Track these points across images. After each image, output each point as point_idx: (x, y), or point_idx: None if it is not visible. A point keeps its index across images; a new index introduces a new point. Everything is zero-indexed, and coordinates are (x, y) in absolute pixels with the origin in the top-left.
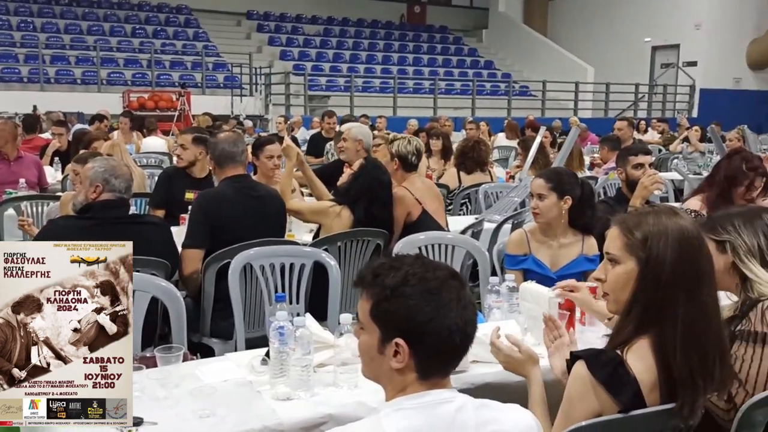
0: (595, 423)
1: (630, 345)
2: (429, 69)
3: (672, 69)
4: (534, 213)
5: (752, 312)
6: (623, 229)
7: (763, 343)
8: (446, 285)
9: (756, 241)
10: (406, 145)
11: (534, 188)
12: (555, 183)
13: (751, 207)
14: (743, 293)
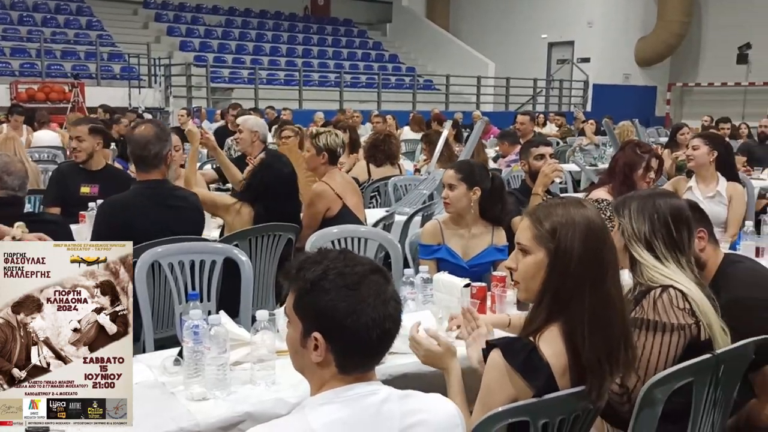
0: (511, 408)
1: (542, 332)
2: (334, 62)
3: (567, 65)
4: (445, 203)
5: (645, 300)
6: (533, 221)
7: (655, 331)
8: (366, 280)
9: (642, 227)
10: (335, 139)
11: (445, 178)
12: (465, 174)
13: (650, 191)
14: (634, 278)
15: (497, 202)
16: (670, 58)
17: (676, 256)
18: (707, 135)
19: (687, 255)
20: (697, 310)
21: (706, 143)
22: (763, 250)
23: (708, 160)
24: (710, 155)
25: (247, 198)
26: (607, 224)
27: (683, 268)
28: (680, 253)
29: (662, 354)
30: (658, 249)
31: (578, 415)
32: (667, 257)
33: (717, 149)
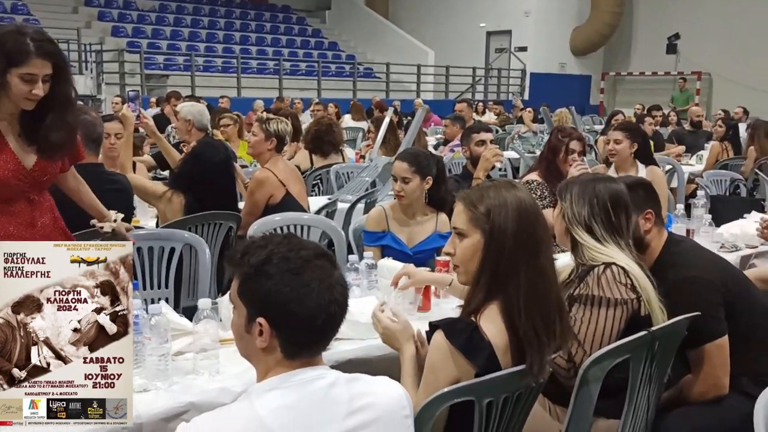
0: (455, 388)
1: (482, 311)
2: (273, 49)
3: (505, 54)
4: (399, 196)
5: (589, 277)
6: (467, 204)
7: (600, 305)
8: (310, 265)
9: (582, 211)
10: (285, 126)
11: (398, 172)
12: (417, 165)
13: (593, 177)
14: (575, 258)
15: (441, 185)
16: (604, 47)
17: (615, 239)
18: (627, 128)
19: (625, 238)
20: (638, 286)
21: (627, 137)
22: (693, 232)
23: (629, 152)
24: (631, 148)
25: (178, 187)
26: (537, 203)
27: (622, 248)
28: (619, 236)
29: (607, 328)
30: (597, 232)
31: (521, 392)
32: (607, 239)
33: (636, 141)
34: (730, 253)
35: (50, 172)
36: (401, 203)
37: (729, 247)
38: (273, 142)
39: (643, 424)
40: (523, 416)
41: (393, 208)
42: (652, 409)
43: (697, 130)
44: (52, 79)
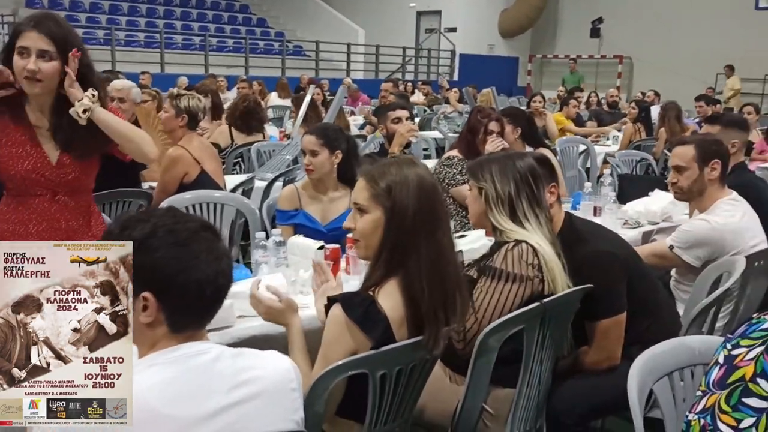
0: (349, 361)
1: (381, 286)
2: (199, 24)
3: (435, 34)
4: (308, 170)
5: (498, 251)
6: (369, 180)
7: (499, 279)
8: (196, 236)
9: (507, 188)
10: (197, 102)
11: (306, 145)
12: (325, 139)
13: (504, 154)
14: (495, 238)
15: (353, 161)
16: (531, 30)
17: (536, 214)
18: (508, 113)
19: (545, 210)
20: (544, 266)
21: (509, 122)
22: (600, 209)
23: (513, 138)
24: (515, 133)
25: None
26: (436, 181)
27: (541, 225)
28: (540, 209)
29: (500, 301)
30: (520, 209)
31: (415, 364)
32: (529, 216)
33: (519, 125)
34: (633, 230)
35: (77, 171)
36: (311, 177)
37: (632, 223)
38: (184, 118)
39: (538, 392)
40: (418, 388)
41: (305, 186)
42: (547, 378)
43: (615, 111)
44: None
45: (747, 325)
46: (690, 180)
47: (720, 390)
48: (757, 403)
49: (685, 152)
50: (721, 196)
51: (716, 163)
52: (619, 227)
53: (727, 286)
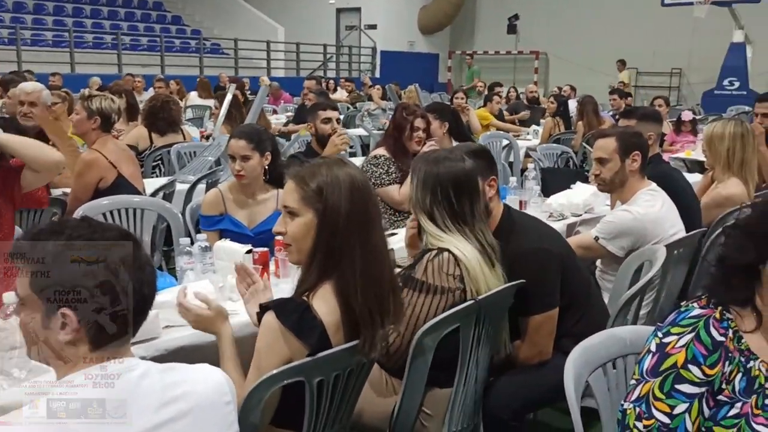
0: (285, 369)
1: (315, 291)
2: (110, 22)
3: (355, 31)
4: (239, 175)
5: (420, 261)
6: (298, 182)
7: (420, 291)
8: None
9: (426, 197)
10: (110, 103)
11: (237, 150)
12: (256, 142)
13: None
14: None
15: (277, 162)
16: (450, 27)
17: (460, 226)
18: (435, 108)
19: (470, 224)
20: (466, 276)
21: (436, 117)
22: (525, 203)
23: (441, 132)
24: (442, 127)
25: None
26: (368, 180)
27: (467, 236)
28: (463, 223)
29: (422, 313)
30: (439, 220)
31: (353, 369)
32: (450, 227)
33: (446, 120)
34: (558, 222)
35: None
36: (243, 182)
37: (556, 216)
38: (96, 120)
39: (475, 390)
40: (356, 392)
41: (230, 189)
42: (482, 375)
43: (533, 106)
44: None
45: (676, 313)
46: (612, 172)
47: (653, 378)
48: (689, 389)
49: (607, 144)
50: (641, 187)
51: (636, 155)
52: (544, 220)
53: (650, 275)
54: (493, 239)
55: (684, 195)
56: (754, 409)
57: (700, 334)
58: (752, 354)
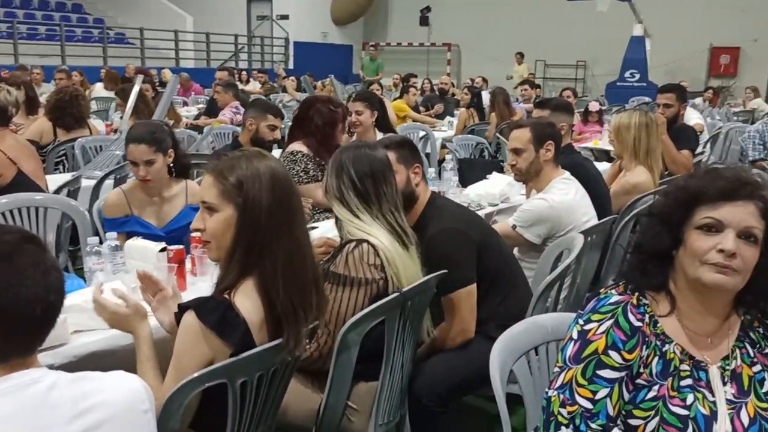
0: (206, 372)
1: (236, 288)
2: (4, 10)
3: (267, 21)
4: (146, 180)
5: (339, 254)
6: (217, 176)
7: (344, 285)
8: (19, 250)
9: (335, 183)
10: (6, 95)
11: (140, 156)
12: (158, 144)
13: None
14: (339, 232)
15: (178, 153)
16: (363, 18)
17: (368, 207)
18: (365, 98)
19: (377, 204)
20: (386, 265)
21: (367, 106)
22: (444, 193)
23: (371, 121)
24: (372, 117)
25: None
26: (289, 173)
27: (376, 217)
28: (372, 205)
29: (350, 307)
30: (351, 203)
31: (277, 368)
32: (360, 209)
33: (375, 109)
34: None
35: None
36: (150, 185)
37: (474, 206)
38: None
39: (401, 379)
40: (281, 392)
41: (134, 189)
42: (408, 365)
43: (447, 98)
44: None
45: (596, 300)
46: (527, 161)
47: (576, 365)
48: (610, 374)
49: (522, 135)
50: (555, 176)
51: (550, 145)
52: None
53: (568, 262)
54: (404, 223)
55: (595, 183)
56: (671, 391)
57: (618, 320)
58: (667, 337)
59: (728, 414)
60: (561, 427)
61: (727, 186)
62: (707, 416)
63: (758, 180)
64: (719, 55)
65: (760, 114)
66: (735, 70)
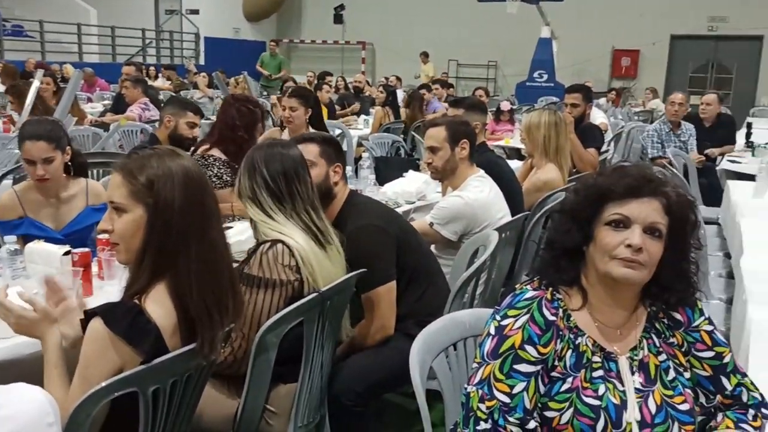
0: (115, 381)
1: (147, 292)
2: None
3: (176, 16)
4: (44, 180)
5: (254, 255)
6: (126, 175)
7: (259, 287)
8: None
9: (247, 183)
10: None
11: (38, 153)
12: (56, 140)
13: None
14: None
15: (74, 151)
16: (276, 15)
17: (283, 208)
18: (301, 94)
19: (294, 204)
20: (302, 265)
21: (301, 103)
22: (361, 192)
23: (305, 118)
24: (306, 114)
25: None
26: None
27: (290, 216)
28: (285, 204)
29: (264, 309)
30: (265, 203)
31: (191, 373)
32: (273, 208)
33: (310, 106)
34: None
35: None
36: (47, 186)
37: (391, 204)
38: None
39: (321, 379)
40: (195, 398)
41: (28, 190)
42: (327, 365)
43: (361, 96)
44: None
45: (512, 296)
46: (443, 159)
47: (494, 360)
48: (526, 368)
49: (438, 134)
50: (471, 174)
51: (465, 143)
52: None
53: (483, 258)
54: (322, 221)
55: (508, 181)
56: (584, 382)
57: (534, 315)
58: (580, 330)
59: (637, 402)
60: (480, 422)
61: (633, 183)
62: (618, 405)
63: (661, 177)
64: (621, 58)
65: (659, 114)
66: (635, 72)
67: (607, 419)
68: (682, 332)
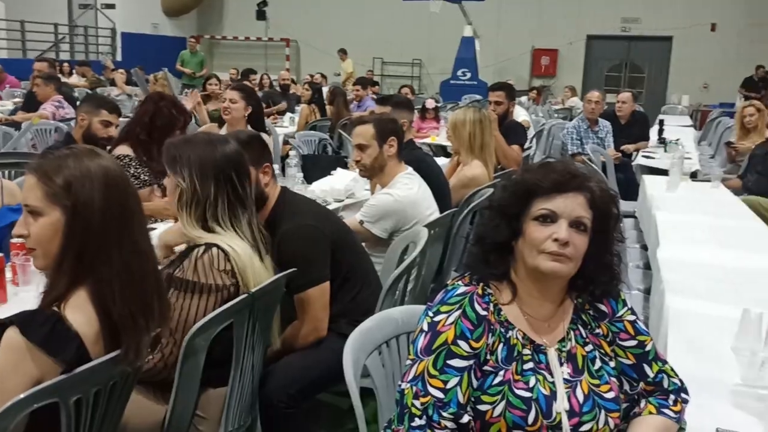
0: (33, 392)
1: (67, 299)
2: None
3: (91, 10)
4: None
5: (187, 259)
6: (41, 177)
7: (192, 292)
8: None
9: (207, 190)
10: None
11: None
12: None
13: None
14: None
15: None
16: (197, 10)
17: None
18: (244, 89)
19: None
20: (237, 270)
21: (243, 98)
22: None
23: (243, 114)
24: (246, 110)
25: None
26: (125, 172)
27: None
28: (243, 207)
29: (198, 314)
30: (217, 211)
31: (116, 381)
32: (224, 218)
33: (251, 103)
34: None
35: None
36: None
37: (320, 202)
38: None
39: (252, 381)
40: (121, 406)
41: None
42: (258, 367)
43: (287, 93)
44: None
45: (444, 292)
46: (372, 157)
47: (427, 356)
48: (459, 363)
49: (366, 131)
50: (399, 171)
51: (393, 140)
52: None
53: (414, 255)
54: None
55: (436, 178)
56: (515, 375)
57: (466, 310)
58: (510, 324)
59: (566, 392)
60: (415, 419)
61: (559, 179)
62: (547, 396)
63: (585, 173)
64: (540, 57)
65: (577, 111)
66: (554, 71)
67: (537, 410)
68: (606, 323)
